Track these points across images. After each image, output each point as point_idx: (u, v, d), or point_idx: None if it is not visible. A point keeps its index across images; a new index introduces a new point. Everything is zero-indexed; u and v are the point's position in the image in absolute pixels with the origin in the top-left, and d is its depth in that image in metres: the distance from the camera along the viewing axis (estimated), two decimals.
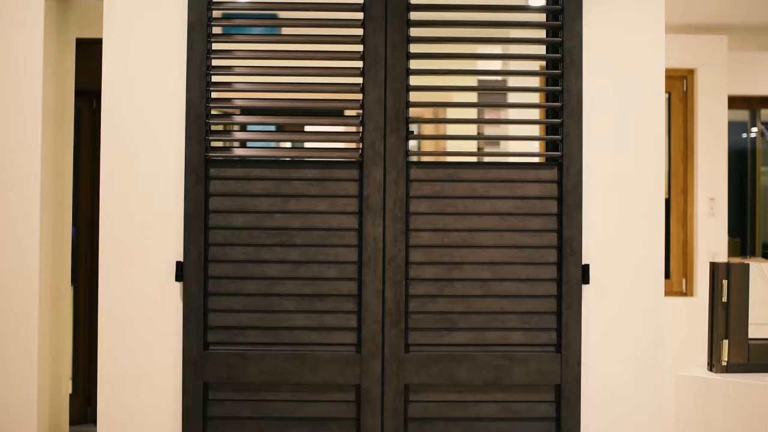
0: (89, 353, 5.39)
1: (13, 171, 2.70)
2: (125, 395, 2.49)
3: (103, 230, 2.50)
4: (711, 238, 5.11)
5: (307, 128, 4.49)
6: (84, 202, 5.47)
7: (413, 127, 4.72)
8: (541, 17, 2.64)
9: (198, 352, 2.44)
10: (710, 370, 2.92)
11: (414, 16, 2.53)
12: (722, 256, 5.08)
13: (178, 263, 2.46)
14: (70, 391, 5.29)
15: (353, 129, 2.55)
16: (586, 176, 2.51)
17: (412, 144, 2.86)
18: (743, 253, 6.13)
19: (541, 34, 2.72)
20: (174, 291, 2.49)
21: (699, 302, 5.11)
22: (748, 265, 2.91)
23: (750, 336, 2.89)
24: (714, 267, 2.89)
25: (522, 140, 2.69)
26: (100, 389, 2.50)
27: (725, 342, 2.86)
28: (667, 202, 5.14)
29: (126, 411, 2.49)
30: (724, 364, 2.86)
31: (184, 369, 2.45)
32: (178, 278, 2.46)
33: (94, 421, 5.23)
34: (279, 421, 2.46)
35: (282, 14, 3.21)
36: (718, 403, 2.79)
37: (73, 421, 5.28)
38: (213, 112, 2.52)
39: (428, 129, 6.00)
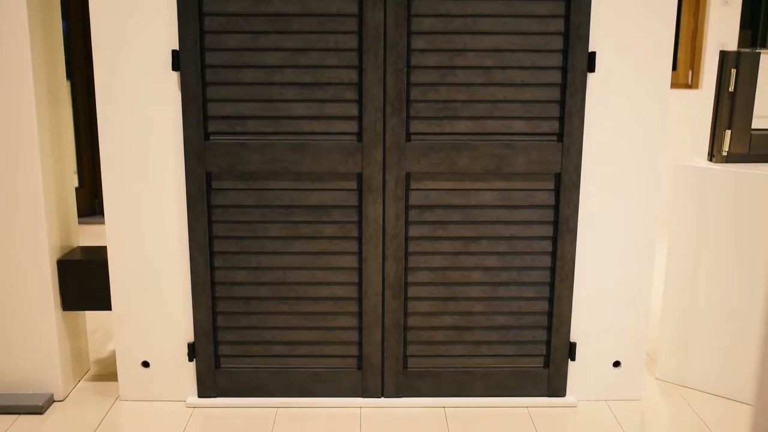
0: (92, 147, 5.43)
1: None
2: (130, 186, 2.52)
3: (94, 20, 2.41)
4: (722, 29, 4.97)
5: None
6: None
7: None
8: None
9: (199, 141, 2.44)
10: (710, 160, 2.92)
11: None
12: (732, 48, 4.97)
13: (173, 51, 2.40)
14: (76, 184, 5.39)
15: None
16: None
17: None
18: (753, 46, 5.99)
19: None
20: (172, 81, 2.44)
21: (704, 95, 5.07)
22: (759, 53, 2.83)
23: (753, 126, 2.87)
24: (723, 55, 2.82)
25: None
26: (104, 182, 2.52)
27: (728, 132, 2.85)
28: None
29: (132, 202, 2.53)
30: (725, 154, 2.87)
31: (186, 159, 2.45)
32: (174, 67, 2.41)
33: (102, 213, 5.37)
34: (281, 209, 2.51)
35: None
36: (714, 192, 2.83)
37: (82, 213, 5.43)
38: None
39: None
